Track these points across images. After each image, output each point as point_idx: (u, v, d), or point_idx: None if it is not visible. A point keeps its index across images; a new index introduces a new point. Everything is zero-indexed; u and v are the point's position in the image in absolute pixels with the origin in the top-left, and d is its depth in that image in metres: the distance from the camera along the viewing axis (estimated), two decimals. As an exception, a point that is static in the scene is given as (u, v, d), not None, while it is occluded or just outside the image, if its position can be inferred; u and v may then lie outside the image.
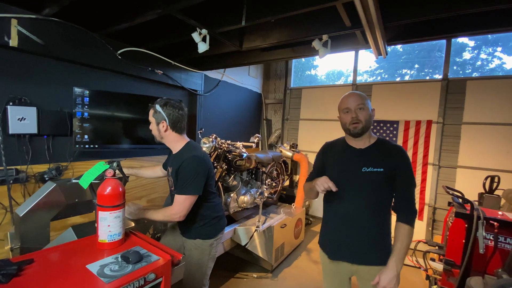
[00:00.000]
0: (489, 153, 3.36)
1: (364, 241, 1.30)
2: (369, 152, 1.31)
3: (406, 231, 1.23)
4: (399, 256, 1.22)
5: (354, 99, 1.30)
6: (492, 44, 5.50)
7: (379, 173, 1.26)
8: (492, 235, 1.96)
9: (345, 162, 1.35)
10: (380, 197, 1.28)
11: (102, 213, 1.15)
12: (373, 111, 1.33)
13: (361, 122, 1.27)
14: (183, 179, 1.41)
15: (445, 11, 1.87)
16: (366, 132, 1.31)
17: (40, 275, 0.95)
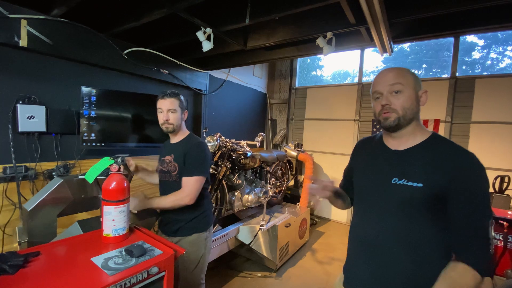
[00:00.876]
0: (499, 152, 3.28)
1: (383, 278, 0.92)
2: (409, 156, 0.91)
3: (470, 275, 0.77)
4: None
5: (387, 78, 0.91)
6: (502, 43, 5.38)
7: (416, 190, 0.85)
8: (501, 235, 1.92)
9: (373, 167, 0.99)
10: (415, 225, 0.87)
11: (107, 208, 1.17)
12: (425, 94, 0.92)
13: (396, 111, 0.89)
14: (192, 162, 1.49)
15: (453, 6, 1.84)
16: (406, 126, 0.91)
17: (46, 267, 0.97)
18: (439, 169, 0.83)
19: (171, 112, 1.53)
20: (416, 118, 0.92)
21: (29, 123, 2.01)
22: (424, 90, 0.92)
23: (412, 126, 0.92)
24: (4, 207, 1.95)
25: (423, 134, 0.92)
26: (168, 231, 1.59)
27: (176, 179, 1.55)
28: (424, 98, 0.92)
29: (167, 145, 1.66)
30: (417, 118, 0.93)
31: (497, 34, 5.11)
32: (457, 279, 0.78)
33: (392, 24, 2.03)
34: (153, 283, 1.03)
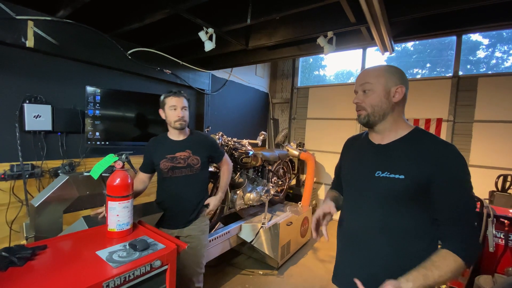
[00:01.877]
0: (501, 151, 3.27)
1: (368, 272, 0.94)
2: (391, 149, 0.94)
3: (453, 261, 0.78)
4: (420, 277, 0.77)
5: (359, 78, 0.99)
6: (508, 41, 5.34)
7: (397, 182, 0.87)
8: (502, 233, 1.92)
9: (358, 162, 1.03)
10: (398, 217, 0.89)
11: (111, 203, 1.20)
12: (398, 90, 0.92)
13: (364, 109, 0.95)
14: (216, 148, 1.79)
15: (454, 4, 1.84)
16: (380, 122, 0.95)
17: (52, 259, 1.00)
18: (421, 161, 0.85)
19: (185, 109, 1.61)
20: (392, 113, 0.94)
21: (36, 122, 2.06)
22: (399, 86, 0.92)
23: (390, 121, 0.95)
24: (11, 204, 2.00)
25: (404, 128, 0.95)
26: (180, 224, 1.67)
27: (197, 171, 1.66)
28: (398, 94, 0.92)
29: (170, 142, 1.66)
30: (393, 113, 0.94)
31: (502, 32, 5.07)
32: (437, 261, 0.79)
33: (393, 23, 2.04)
34: (156, 276, 1.06)
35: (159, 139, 1.70)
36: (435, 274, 0.77)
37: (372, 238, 0.93)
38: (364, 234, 0.95)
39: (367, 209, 0.95)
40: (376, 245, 0.92)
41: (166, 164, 1.61)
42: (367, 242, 0.95)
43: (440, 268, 0.77)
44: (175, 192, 1.64)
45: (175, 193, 1.64)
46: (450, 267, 0.77)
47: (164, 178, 1.65)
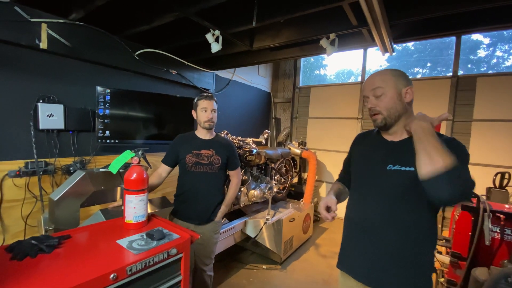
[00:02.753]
0: (499, 150, 3.35)
1: (378, 258, 1.00)
2: (403, 146, 1.00)
3: (451, 156, 0.81)
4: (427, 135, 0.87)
5: (370, 83, 1.02)
6: (508, 41, 5.37)
7: (408, 174, 0.94)
8: (498, 227, 1.99)
9: (370, 157, 1.09)
10: (408, 206, 0.96)
11: (128, 196, 1.28)
12: (409, 91, 0.98)
13: (380, 113, 1.00)
14: (235, 156, 1.88)
15: (453, 8, 1.90)
16: (394, 124, 1.01)
17: (77, 247, 1.08)
18: None
19: (214, 111, 1.77)
20: (405, 114, 1.01)
21: (49, 121, 2.14)
22: (408, 87, 1.00)
23: (403, 121, 1.01)
24: (26, 200, 2.08)
25: None
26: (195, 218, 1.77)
27: (216, 170, 1.78)
28: (409, 95, 1.00)
29: (197, 139, 1.80)
30: (406, 113, 1.01)
31: (502, 32, 5.11)
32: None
33: (393, 25, 2.12)
34: (172, 263, 1.14)
35: (187, 136, 1.84)
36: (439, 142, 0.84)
37: (380, 226, 1.00)
38: (372, 222, 1.02)
39: (377, 199, 1.02)
40: (383, 233, 1.00)
41: (191, 159, 1.74)
42: (375, 230, 1.02)
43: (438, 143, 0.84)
44: (195, 186, 1.76)
45: (195, 187, 1.75)
46: (442, 149, 0.82)
47: (187, 172, 1.76)
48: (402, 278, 0.97)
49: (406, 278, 0.97)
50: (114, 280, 0.91)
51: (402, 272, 0.97)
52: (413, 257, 0.97)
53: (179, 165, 1.80)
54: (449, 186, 0.79)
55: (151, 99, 2.75)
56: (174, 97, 2.95)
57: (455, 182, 0.79)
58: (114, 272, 0.91)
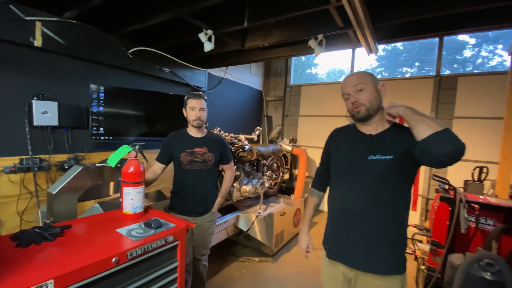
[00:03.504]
0: (478, 146, 3.54)
1: (365, 243, 1.10)
2: (380, 138, 1.12)
3: (438, 122, 0.93)
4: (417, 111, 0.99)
5: (350, 81, 1.14)
6: (493, 41, 5.61)
7: (388, 161, 1.06)
8: (473, 217, 2.14)
9: (351, 149, 1.18)
10: (390, 190, 1.07)
11: (126, 189, 1.35)
12: (383, 87, 1.13)
13: (364, 105, 1.10)
14: (227, 151, 1.96)
15: (434, 11, 2.02)
16: (375, 115, 1.12)
17: (79, 235, 1.15)
18: (402, 141, 1.06)
19: (202, 110, 1.81)
20: (382, 108, 1.14)
21: (43, 118, 2.17)
22: (382, 84, 1.14)
23: (380, 114, 1.13)
24: (22, 196, 2.11)
25: (387, 122, 1.14)
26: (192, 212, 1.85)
27: (210, 167, 1.85)
28: (383, 90, 1.13)
29: (190, 138, 1.85)
30: (381, 107, 1.14)
31: (488, 33, 5.32)
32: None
33: (377, 27, 2.24)
34: (169, 250, 1.22)
35: (179, 134, 1.88)
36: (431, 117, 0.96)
37: (367, 210, 1.10)
38: (360, 209, 1.11)
39: (362, 187, 1.12)
40: (371, 216, 1.09)
41: (186, 158, 1.80)
42: (363, 216, 1.11)
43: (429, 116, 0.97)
44: (192, 183, 1.83)
45: (191, 184, 1.83)
46: (435, 119, 0.95)
47: (182, 170, 1.82)
48: (387, 257, 1.08)
49: (390, 256, 1.08)
50: (115, 263, 0.98)
51: (387, 251, 1.08)
52: (395, 236, 1.09)
53: (174, 164, 1.86)
54: (449, 140, 0.89)
55: (145, 97, 2.80)
56: (167, 95, 3.00)
57: (453, 137, 0.89)
58: (116, 256, 0.98)
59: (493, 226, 2.08)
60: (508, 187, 2.71)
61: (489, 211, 2.12)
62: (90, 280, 0.90)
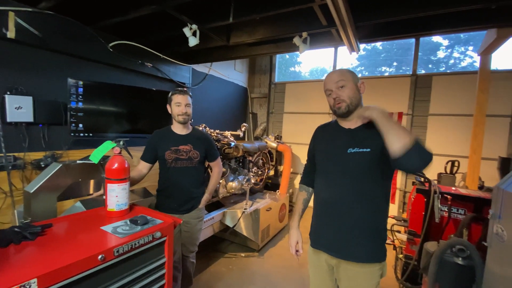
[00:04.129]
0: (451, 141, 3.77)
1: (346, 232, 1.15)
2: (359, 131, 1.17)
3: (407, 131, 0.99)
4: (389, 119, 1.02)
5: (332, 78, 1.19)
6: (465, 43, 5.95)
7: (366, 154, 1.11)
8: (446, 207, 2.29)
9: (332, 143, 1.24)
10: (368, 183, 1.12)
11: (110, 185, 1.31)
12: (362, 85, 1.19)
13: (344, 101, 1.16)
14: (213, 148, 1.95)
15: (412, 12, 2.12)
16: (353, 111, 1.18)
17: (61, 234, 1.12)
18: (379, 136, 1.07)
19: (188, 106, 1.78)
20: (361, 104, 1.20)
21: (17, 114, 2.05)
22: (361, 82, 1.20)
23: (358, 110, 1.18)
24: (-6, 196, 1.99)
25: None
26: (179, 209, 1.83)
27: (195, 164, 1.83)
28: (363, 87, 1.19)
29: (174, 135, 1.82)
30: (361, 104, 1.20)
31: (460, 35, 5.62)
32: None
33: (359, 27, 2.31)
34: (156, 246, 1.22)
35: (163, 131, 1.85)
36: (398, 123, 1.02)
37: (347, 202, 1.15)
38: (341, 199, 1.17)
39: (342, 179, 1.17)
40: (351, 207, 1.14)
41: (170, 155, 1.77)
42: (343, 206, 1.16)
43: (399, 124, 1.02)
44: (177, 181, 1.80)
45: (177, 182, 1.80)
46: (404, 128, 1.01)
47: (168, 168, 1.79)
48: (367, 245, 1.14)
49: (371, 245, 1.14)
50: (102, 260, 0.96)
51: (367, 240, 1.14)
52: (375, 226, 1.14)
53: (159, 162, 1.83)
54: (419, 156, 0.95)
55: (126, 92, 2.72)
56: (150, 90, 2.94)
57: (422, 152, 0.96)
58: (102, 254, 0.96)
59: (464, 215, 2.24)
60: (477, 179, 2.92)
61: (460, 202, 2.28)
62: (76, 278, 0.88)
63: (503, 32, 2.33)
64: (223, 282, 2.46)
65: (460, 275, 1.62)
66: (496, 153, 3.46)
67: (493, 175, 3.34)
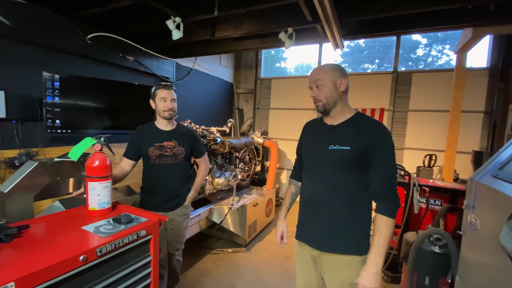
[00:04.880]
0: (429, 136, 3.94)
1: (326, 225, 1.19)
2: (341, 128, 1.19)
3: (383, 222, 1.06)
4: (377, 250, 1.06)
5: (312, 75, 1.22)
6: (442, 42, 6.20)
7: (345, 152, 1.13)
8: (424, 198, 2.41)
9: (316, 140, 1.26)
10: (347, 178, 1.15)
11: (91, 184, 1.27)
12: (342, 82, 1.17)
13: (321, 101, 1.19)
14: (199, 144, 1.91)
15: (393, 10, 2.18)
16: (333, 108, 1.19)
17: (40, 235, 1.06)
18: (361, 136, 1.12)
19: (173, 101, 1.73)
20: (340, 100, 1.19)
21: (-13, 109, 1.93)
22: (342, 79, 1.18)
23: (339, 107, 1.20)
24: (-37, 197, 1.86)
25: (350, 112, 1.21)
26: (164, 207, 1.79)
27: (180, 161, 1.78)
28: (343, 85, 1.18)
29: (158, 131, 1.76)
30: (341, 100, 1.20)
31: (437, 34, 5.85)
32: (377, 227, 1.09)
33: (343, 23, 2.34)
34: (141, 244, 1.19)
35: (146, 127, 1.79)
36: (381, 238, 1.06)
37: (328, 197, 1.18)
38: (321, 194, 1.20)
39: (323, 175, 1.20)
40: (331, 201, 1.18)
41: (154, 152, 1.72)
42: (325, 201, 1.19)
43: (381, 231, 1.07)
44: (161, 178, 1.76)
45: (161, 179, 1.75)
46: (386, 226, 1.07)
47: (151, 165, 1.74)
48: (347, 239, 1.16)
49: (351, 238, 1.16)
50: (84, 261, 0.93)
51: (347, 234, 1.16)
52: (355, 220, 1.17)
53: (143, 158, 1.78)
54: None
55: (107, 87, 2.61)
56: (132, 85, 2.84)
57: (395, 206, 1.10)
58: (84, 254, 0.93)
59: (441, 206, 2.36)
60: (453, 172, 3.08)
61: (437, 193, 2.40)
62: (56, 280, 0.85)
63: (478, 31, 2.44)
64: (210, 278, 2.46)
65: (437, 263, 1.71)
66: (470, 147, 3.67)
67: (467, 167, 3.54)
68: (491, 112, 3.65)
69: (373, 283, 1.05)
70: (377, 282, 1.06)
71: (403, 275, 2.09)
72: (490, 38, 3.70)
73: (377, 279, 1.06)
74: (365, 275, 1.07)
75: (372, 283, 1.05)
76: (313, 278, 1.34)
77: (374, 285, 1.06)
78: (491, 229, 1.16)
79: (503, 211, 1.05)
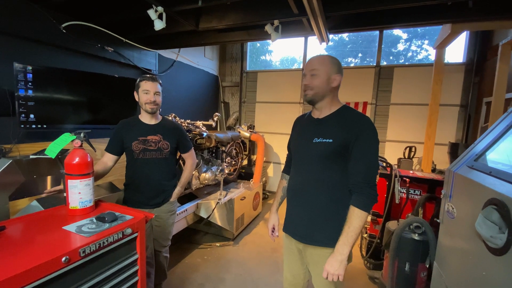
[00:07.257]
0: (409, 128, 4.09)
1: (309, 217, 1.21)
2: (326, 122, 1.20)
3: (355, 214, 1.08)
4: (345, 240, 1.09)
5: (310, 64, 1.21)
6: (421, 37, 6.38)
7: (328, 145, 1.14)
8: (405, 189, 2.51)
9: (303, 133, 1.28)
10: (330, 171, 1.16)
11: (72, 182, 1.21)
12: (337, 78, 1.19)
13: (312, 89, 1.18)
14: (185, 138, 1.87)
15: (377, 5, 2.21)
16: (321, 100, 1.20)
17: (18, 237, 1.01)
18: (344, 128, 1.13)
19: (157, 94, 1.67)
20: (330, 95, 1.20)
21: (-50, 103, 1.78)
22: (337, 75, 1.19)
23: (327, 101, 1.21)
24: None
25: (337, 105, 1.22)
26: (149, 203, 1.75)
27: (166, 156, 1.73)
28: (336, 81, 1.19)
29: (142, 125, 1.71)
30: (330, 94, 1.20)
31: (417, 29, 6.02)
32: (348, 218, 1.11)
33: (328, 17, 2.35)
34: (127, 243, 1.16)
35: (130, 121, 1.72)
36: (351, 229, 1.08)
37: (311, 189, 1.21)
38: (305, 187, 1.23)
39: (307, 168, 1.22)
40: (314, 195, 1.20)
41: (138, 146, 1.67)
42: (307, 193, 1.22)
43: (351, 222, 1.09)
44: (146, 173, 1.70)
45: (145, 174, 1.70)
46: (356, 218, 1.08)
47: (135, 160, 1.68)
48: (328, 230, 1.18)
49: (332, 231, 1.16)
50: (66, 262, 0.89)
51: (328, 226, 1.18)
52: (337, 212, 1.17)
53: (126, 153, 1.72)
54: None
55: (85, 79, 2.48)
56: (112, 77, 2.71)
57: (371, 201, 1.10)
58: (66, 255, 0.89)
59: (420, 196, 2.47)
60: (431, 163, 3.22)
61: (416, 184, 2.51)
62: (37, 284, 0.81)
63: (456, 27, 2.53)
64: (199, 273, 2.46)
65: (416, 249, 1.80)
66: (447, 139, 3.85)
67: (444, 158, 3.72)
68: (466, 106, 3.84)
69: (336, 270, 1.09)
70: (340, 269, 1.09)
71: (385, 262, 2.19)
72: (466, 34, 3.85)
73: (341, 267, 1.09)
74: (330, 261, 1.11)
75: (335, 269, 1.09)
76: (300, 270, 1.38)
77: (337, 271, 1.09)
78: (467, 217, 1.23)
79: (478, 200, 1.11)
